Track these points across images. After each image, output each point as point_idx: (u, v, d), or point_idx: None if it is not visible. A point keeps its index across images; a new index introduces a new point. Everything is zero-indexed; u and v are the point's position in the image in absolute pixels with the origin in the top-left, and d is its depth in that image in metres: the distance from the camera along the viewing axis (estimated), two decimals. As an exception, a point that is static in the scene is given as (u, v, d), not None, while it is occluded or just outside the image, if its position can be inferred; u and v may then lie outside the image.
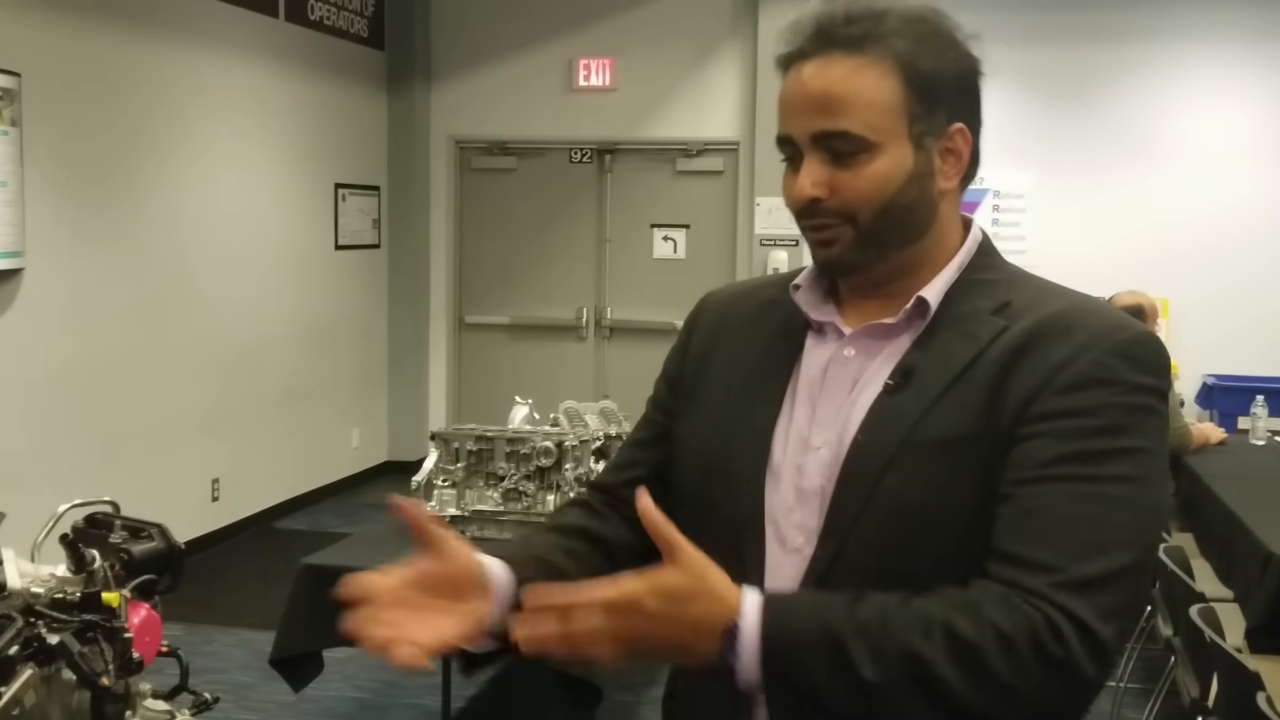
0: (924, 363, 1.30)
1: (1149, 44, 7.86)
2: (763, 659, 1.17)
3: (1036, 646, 1.14)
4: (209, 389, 6.53)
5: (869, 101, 1.28)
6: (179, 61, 6.24)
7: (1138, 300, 5.55)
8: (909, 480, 1.25)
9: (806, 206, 1.31)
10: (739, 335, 1.44)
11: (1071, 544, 1.18)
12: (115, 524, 1.88)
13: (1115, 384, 1.24)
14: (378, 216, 8.30)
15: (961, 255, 1.36)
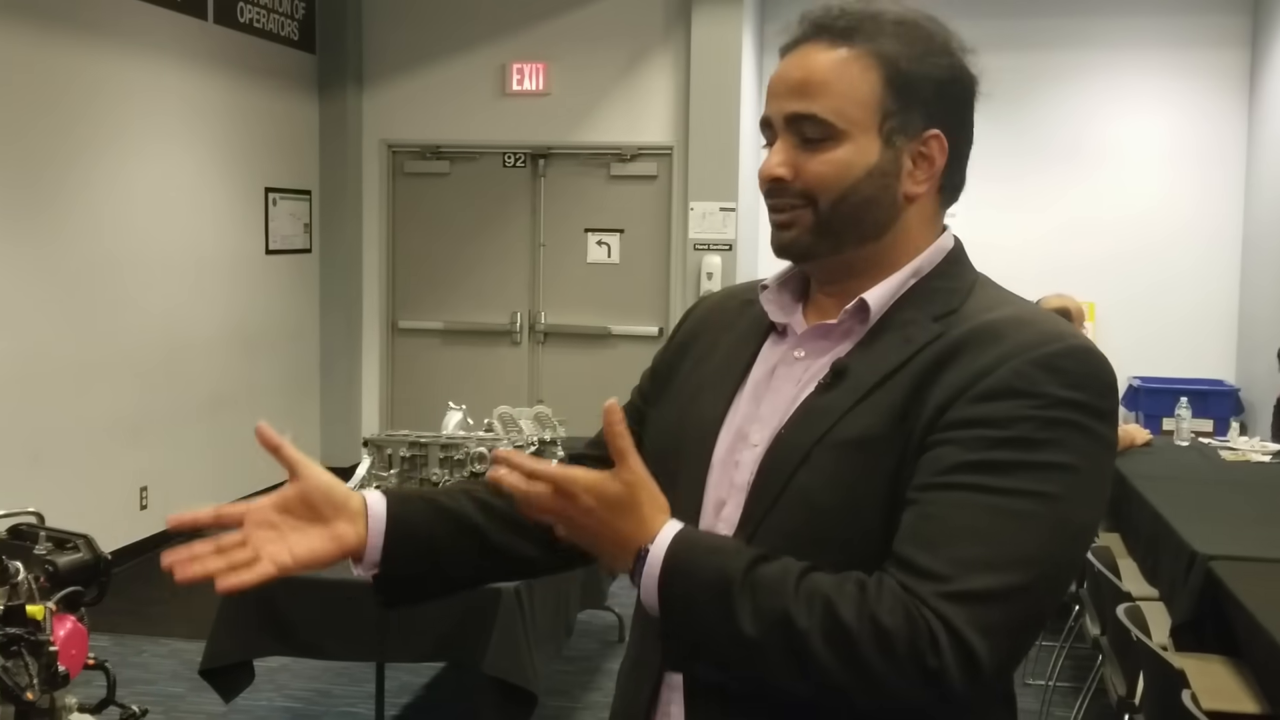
0: (858, 363, 1.31)
1: (1071, 51, 8.00)
2: (659, 587, 1.21)
3: (911, 649, 1.14)
4: (137, 395, 6.42)
5: (843, 90, 1.31)
6: (105, 64, 6.14)
7: (1064, 303, 5.64)
8: (819, 477, 1.27)
9: (772, 186, 1.34)
10: (714, 333, 1.49)
11: (962, 555, 1.17)
12: (40, 535, 1.84)
13: (1033, 396, 1.21)
14: (309, 221, 8.22)
15: (919, 261, 1.36)
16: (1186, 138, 7.88)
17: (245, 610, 3.54)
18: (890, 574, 1.19)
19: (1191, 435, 5.63)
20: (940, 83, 1.34)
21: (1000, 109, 8.05)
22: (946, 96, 1.35)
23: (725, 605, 1.19)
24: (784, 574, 1.20)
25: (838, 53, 1.32)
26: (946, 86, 1.35)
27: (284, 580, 3.57)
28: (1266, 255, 7.36)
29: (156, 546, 6.52)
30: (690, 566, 1.22)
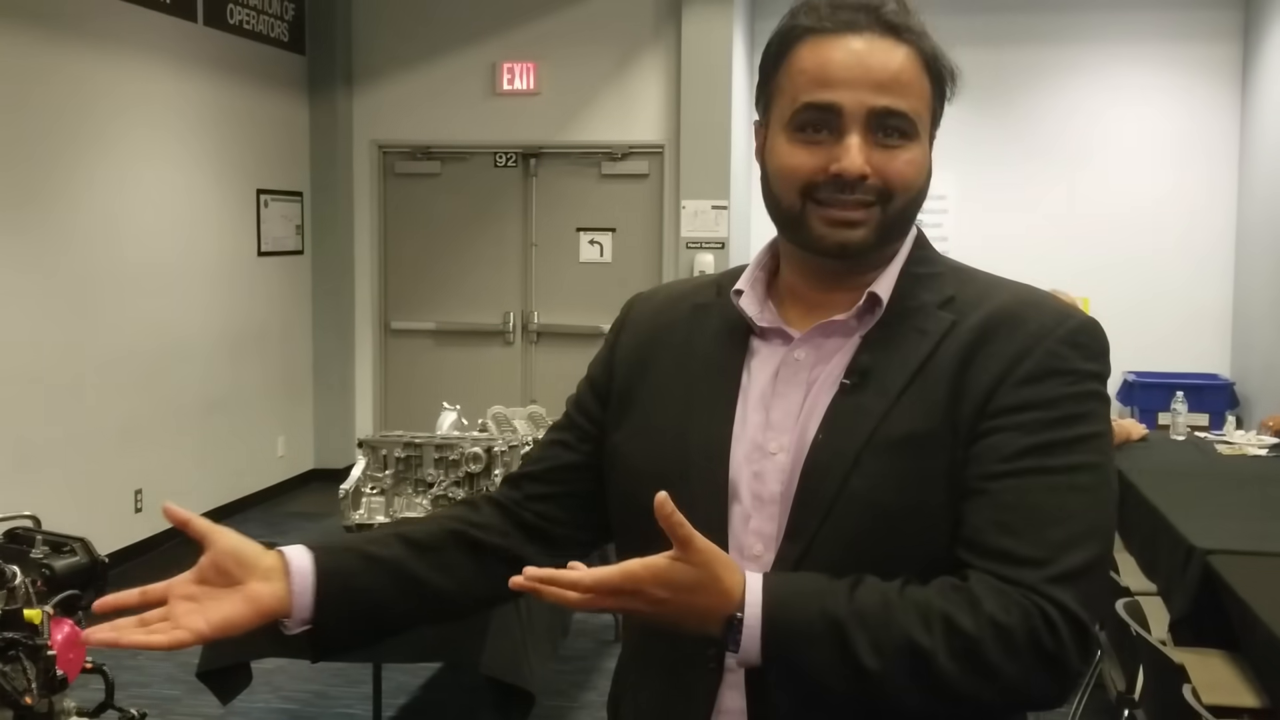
0: (879, 361, 1.30)
1: (1067, 46, 8.00)
2: (764, 646, 1.18)
3: (1033, 640, 1.17)
4: (131, 398, 6.40)
5: (919, 91, 1.31)
6: (95, 66, 6.11)
7: (1057, 297, 5.64)
8: (875, 480, 1.25)
9: (850, 184, 1.29)
10: (677, 344, 1.42)
11: (1054, 536, 1.20)
12: (36, 539, 1.83)
13: (1068, 374, 1.27)
14: (301, 222, 8.20)
15: (904, 251, 1.37)
16: (1180, 132, 7.89)
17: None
18: (982, 567, 1.20)
19: (1187, 429, 5.64)
20: (944, 84, 1.36)
21: (992, 104, 8.07)
22: (943, 96, 1.36)
23: (842, 646, 1.17)
24: (885, 597, 1.19)
25: (904, 50, 1.30)
26: (944, 87, 1.36)
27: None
28: (1260, 249, 7.37)
29: (151, 549, 6.51)
30: (792, 617, 1.19)
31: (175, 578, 1.30)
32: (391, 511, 3.69)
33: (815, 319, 1.35)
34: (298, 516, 7.31)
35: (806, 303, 1.37)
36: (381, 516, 3.68)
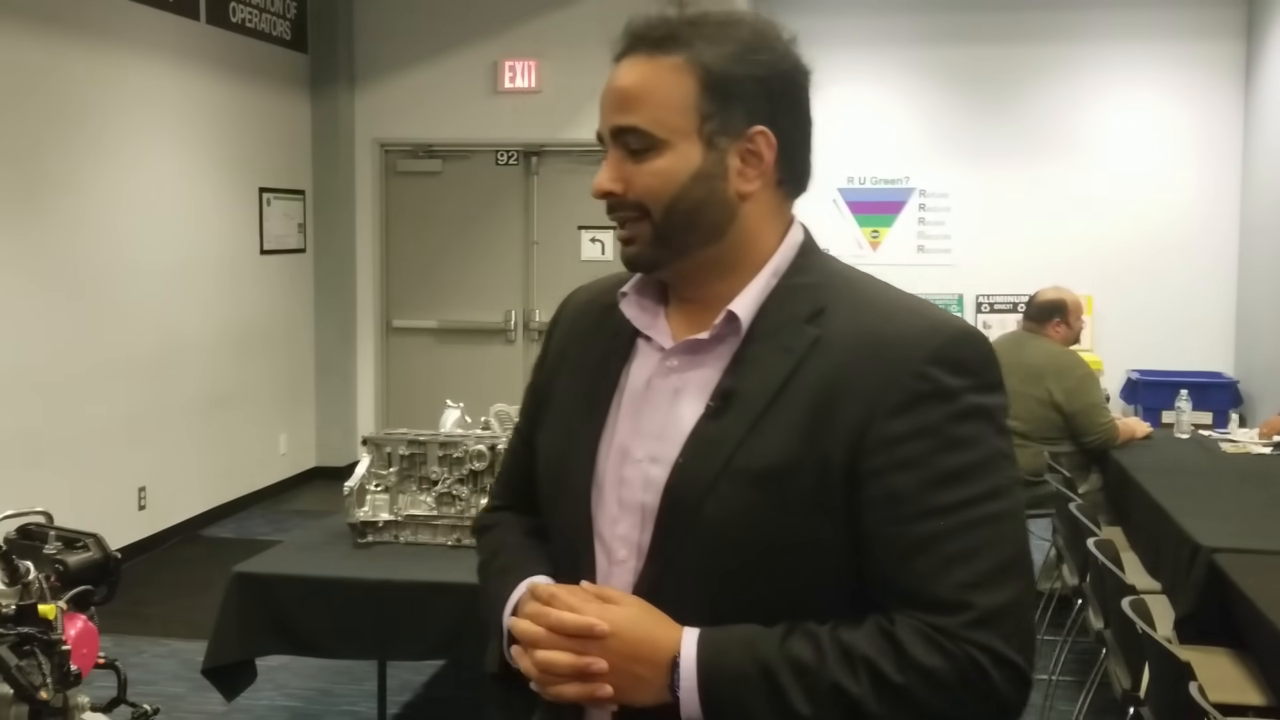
0: (742, 382, 1.30)
1: (1071, 44, 8.01)
2: (701, 693, 1.22)
3: (963, 684, 1.19)
4: (134, 396, 6.40)
5: (661, 100, 1.30)
6: (98, 64, 6.12)
7: (1060, 295, 5.65)
8: (730, 509, 1.26)
9: (607, 200, 1.34)
10: (582, 342, 1.46)
11: (966, 579, 1.21)
12: (49, 534, 1.83)
13: (940, 396, 1.24)
14: (303, 220, 8.20)
15: (776, 261, 1.36)
16: (1183, 130, 7.90)
17: (248, 609, 3.53)
18: (906, 614, 1.22)
19: (1191, 428, 5.64)
20: (761, 79, 1.33)
21: (995, 103, 8.08)
22: (770, 92, 1.34)
23: (775, 693, 1.20)
24: (817, 645, 1.22)
25: (653, 62, 1.32)
26: (769, 82, 1.34)
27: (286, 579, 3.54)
28: (1264, 246, 7.38)
29: (156, 546, 6.51)
30: (725, 664, 1.23)
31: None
32: (395, 509, 3.70)
33: (694, 327, 1.36)
34: (299, 514, 7.31)
35: (686, 311, 1.39)
36: (386, 514, 3.68)
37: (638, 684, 1.24)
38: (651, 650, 1.24)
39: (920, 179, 8.29)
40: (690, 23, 1.32)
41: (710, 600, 1.27)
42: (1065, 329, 5.56)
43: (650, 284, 1.41)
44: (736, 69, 1.31)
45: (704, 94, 1.30)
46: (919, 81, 8.28)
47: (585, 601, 1.26)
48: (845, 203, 8.45)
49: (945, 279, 8.31)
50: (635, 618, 1.25)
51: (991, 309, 8.26)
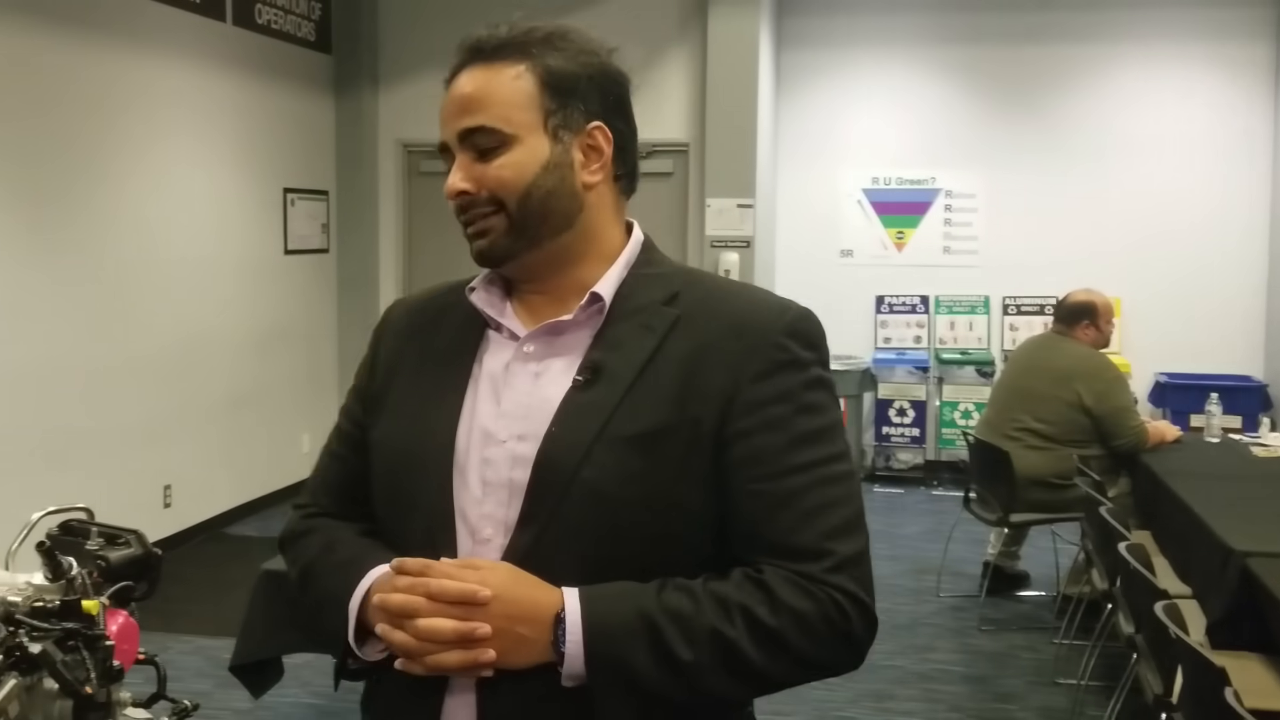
0: (609, 357, 1.38)
1: (1100, 44, 7.98)
2: (586, 645, 1.26)
3: (828, 625, 1.30)
4: (159, 395, 6.43)
5: (504, 99, 1.39)
6: (124, 66, 6.14)
7: (1090, 297, 5.62)
8: (606, 472, 1.32)
9: (461, 201, 1.40)
10: (421, 340, 1.51)
11: (824, 528, 1.32)
12: (91, 531, 1.83)
13: (795, 365, 1.37)
14: (326, 221, 8.22)
15: (629, 251, 1.46)
16: (1214, 130, 7.85)
17: (274, 607, 3.54)
18: (772, 563, 1.32)
19: (1221, 431, 5.60)
20: (592, 79, 1.43)
21: (1022, 103, 8.05)
22: (601, 91, 1.44)
23: (656, 641, 1.27)
24: (693, 595, 1.30)
25: (494, 69, 1.41)
26: (599, 82, 1.44)
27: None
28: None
29: (181, 544, 6.53)
30: (609, 616, 1.28)
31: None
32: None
33: (541, 318, 1.43)
34: (323, 514, 7.31)
35: (531, 303, 1.46)
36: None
37: (520, 645, 1.27)
38: (534, 609, 1.27)
39: (946, 180, 8.26)
40: (524, 33, 1.43)
41: (580, 565, 1.31)
42: (1094, 332, 5.53)
43: (494, 280, 1.49)
44: (571, 68, 1.42)
45: (545, 92, 1.40)
46: (945, 81, 8.25)
47: (460, 570, 1.28)
48: (870, 203, 8.43)
49: (971, 281, 8.28)
50: (514, 580, 1.29)
51: (1018, 311, 8.22)
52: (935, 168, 8.27)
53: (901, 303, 8.44)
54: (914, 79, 8.31)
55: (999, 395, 5.76)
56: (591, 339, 1.40)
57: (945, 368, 8.31)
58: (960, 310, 8.37)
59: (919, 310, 8.44)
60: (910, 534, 7.07)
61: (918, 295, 8.41)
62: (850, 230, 8.50)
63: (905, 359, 8.35)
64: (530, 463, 1.34)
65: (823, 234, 8.51)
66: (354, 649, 1.40)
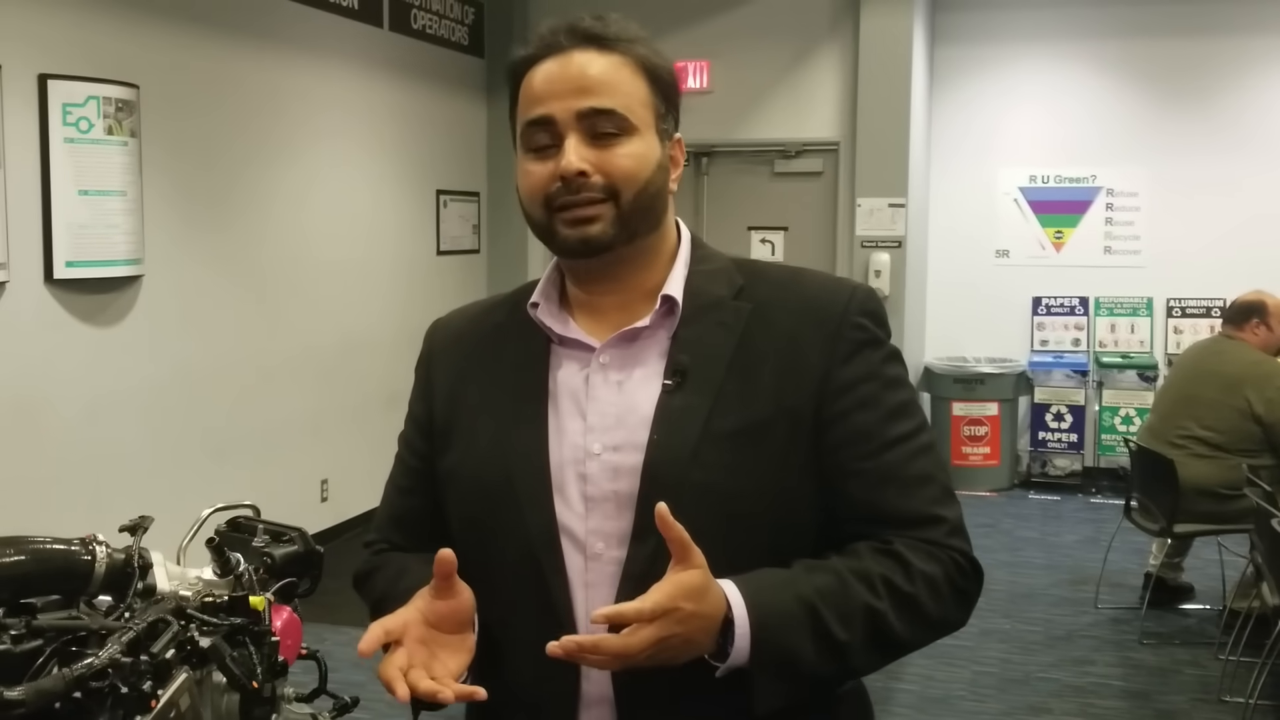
0: (692, 358, 1.37)
1: (1268, 35, 7.65)
2: (753, 638, 1.25)
3: (951, 585, 1.35)
4: (317, 392, 6.61)
5: (628, 89, 1.38)
6: (288, 72, 6.33)
7: (1260, 297, 5.40)
8: (715, 471, 1.32)
9: (572, 182, 1.35)
10: (480, 364, 1.48)
11: (934, 496, 1.37)
12: (257, 528, 1.89)
13: (874, 343, 1.40)
14: (477, 222, 8.36)
15: (684, 251, 1.46)
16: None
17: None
18: (894, 534, 1.34)
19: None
20: (678, 93, 1.45)
21: (1190, 96, 7.76)
22: (677, 107, 1.46)
23: (817, 624, 1.28)
24: (836, 572, 1.32)
25: (611, 58, 1.38)
26: (679, 97, 1.46)
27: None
28: None
29: (337, 537, 6.71)
30: (772, 607, 1.27)
31: (408, 617, 1.32)
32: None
33: (610, 326, 1.41)
34: (474, 510, 7.44)
35: (597, 311, 1.43)
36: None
37: (692, 649, 1.24)
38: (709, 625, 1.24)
39: (1107, 177, 8.02)
40: (623, 27, 1.41)
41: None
42: (1265, 332, 5.31)
43: (551, 294, 1.46)
44: (667, 77, 1.43)
45: (654, 91, 1.40)
46: (1105, 76, 8.01)
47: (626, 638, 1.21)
48: (1027, 202, 8.23)
49: (1133, 282, 8.03)
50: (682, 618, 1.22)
51: (1183, 313, 7.94)
52: (1095, 165, 8.04)
53: (1060, 304, 8.22)
54: (1073, 74, 8.09)
55: (1164, 401, 5.57)
56: (668, 342, 1.38)
57: (1105, 371, 8.06)
58: (1121, 312, 8.11)
59: (1078, 312, 8.21)
60: (1067, 543, 6.88)
61: (1076, 297, 8.18)
62: (1006, 230, 8.31)
63: (1063, 362, 8.13)
64: (632, 472, 1.33)
65: (977, 234, 8.34)
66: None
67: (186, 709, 1.50)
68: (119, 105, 5.06)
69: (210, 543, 1.78)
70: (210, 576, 1.76)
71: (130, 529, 1.76)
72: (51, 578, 1.66)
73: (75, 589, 1.67)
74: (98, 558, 1.68)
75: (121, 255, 5.13)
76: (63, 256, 4.88)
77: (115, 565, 1.69)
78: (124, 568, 1.69)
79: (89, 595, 1.69)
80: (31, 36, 4.76)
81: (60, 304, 4.93)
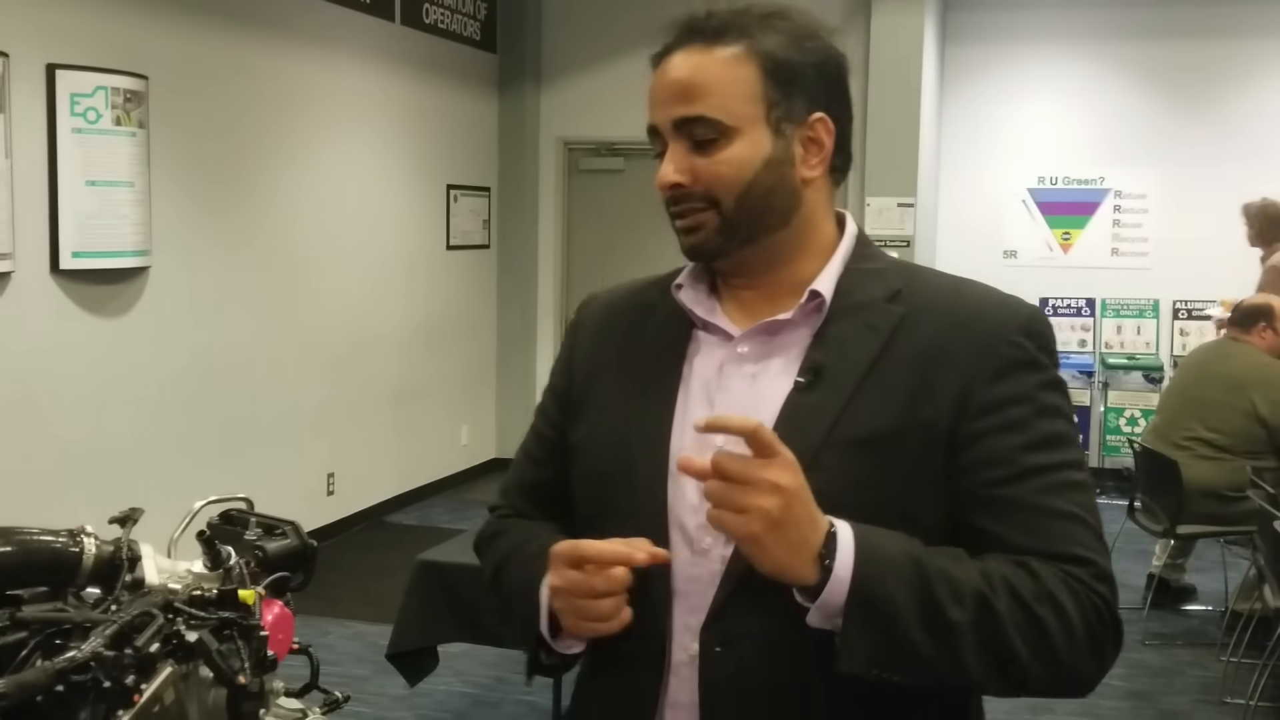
0: (830, 358, 1.30)
1: (1277, 40, 7.61)
2: (856, 569, 1.16)
3: (1087, 629, 1.20)
4: (324, 385, 6.63)
5: (726, 88, 1.30)
6: (298, 65, 6.34)
7: (1268, 300, 5.39)
8: (835, 477, 1.24)
9: (672, 194, 1.33)
10: (622, 341, 1.44)
11: (1081, 535, 1.24)
12: (250, 521, 1.89)
13: (1032, 365, 1.29)
14: (488, 217, 8.37)
15: (845, 246, 1.38)
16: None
17: (430, 597, 3.62)
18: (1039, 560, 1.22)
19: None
20: (816, 66, 1.34)
21: (1198, 100, 7.73)
22: (824, 79, 1.35)
23: (925, 588, 1.17)
24: (954, 555, 1.22)
25: (714, 53, 1.31)
26: (823, 69, 1.35)
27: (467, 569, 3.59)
28: None
29: (342, 531, 6.73)
30: (882, 545, 1.18)
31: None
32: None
33: (754, 315, 1.36)
34: (478, 504, 7.46)
35: (742, 300, 1.39)
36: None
37: (790, 544, 1.16)
38: (815, 514, 1.18)
39: (1116, 179, 7.99)
40: (742, 13, 1.33)
41: None
42: (1272, 335, 5.29)
43: (702, 276, 1.41)
44: (795, 56, 1.32)
45: (767, 81, 1.31)
46: (1115, 77, 7.98)
47: (751, 461, 1.18)
48: (1035, 203, 8.21)
49: (1141, 284, 8.01)
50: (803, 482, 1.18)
51: (1189, 316, 7.91)
52: (1104, 167, 8.01)
53: (1066, 305, 8.20)
54: (1083, 75, 8.06)
55: (1169, 403, 5.56)
56: (811, 338, 1.32)
57: (1111, 373, 8.04)
58: (1128, 314, 8.09)
59: (1084, 313, 8.18)
60: (1072, 543, 6.86)
61: (1083, 298, 8.16)
62: (1014, 231, 8.29)
63: (1069, 363, 8.11)
64: None
65: (986, 234, 8.32)
66: (547, 640, 1.36)
67: (171, 703, 1.50)
68: (127, 96, 5.07)
69: (201, 535, 1.78)
70: (200, 570, 1.76)
71: (120, 521, 1.76)
72: (39, 569, 1.66)
73: (63, 580, 1.68)
74: (86, 549, 1.69)
75: (128, 246, 5.14)
76: (69, 247, 4.90)
77: (104, 557, 1.69)
78: (112, 560, 1.69)
79: (77, 587, 1.69)
80: (40, 26, 4.77)
81: (66, 294, 4.95)
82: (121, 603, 1.64)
